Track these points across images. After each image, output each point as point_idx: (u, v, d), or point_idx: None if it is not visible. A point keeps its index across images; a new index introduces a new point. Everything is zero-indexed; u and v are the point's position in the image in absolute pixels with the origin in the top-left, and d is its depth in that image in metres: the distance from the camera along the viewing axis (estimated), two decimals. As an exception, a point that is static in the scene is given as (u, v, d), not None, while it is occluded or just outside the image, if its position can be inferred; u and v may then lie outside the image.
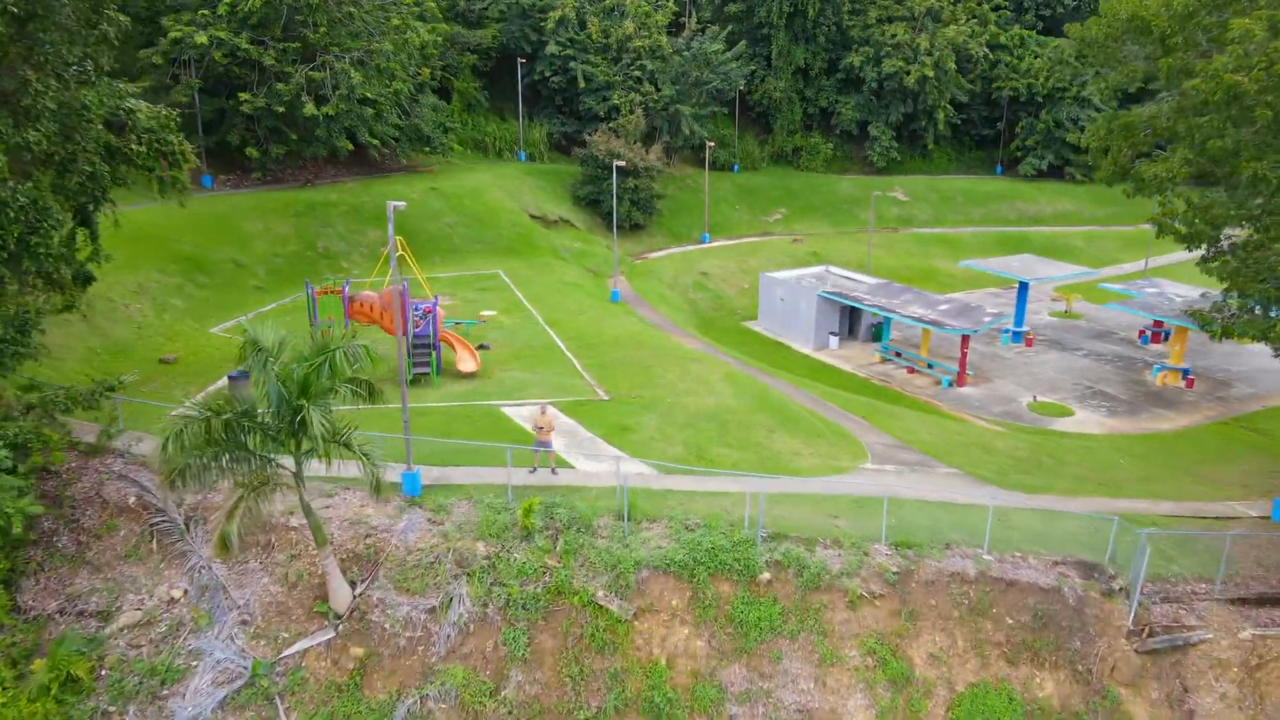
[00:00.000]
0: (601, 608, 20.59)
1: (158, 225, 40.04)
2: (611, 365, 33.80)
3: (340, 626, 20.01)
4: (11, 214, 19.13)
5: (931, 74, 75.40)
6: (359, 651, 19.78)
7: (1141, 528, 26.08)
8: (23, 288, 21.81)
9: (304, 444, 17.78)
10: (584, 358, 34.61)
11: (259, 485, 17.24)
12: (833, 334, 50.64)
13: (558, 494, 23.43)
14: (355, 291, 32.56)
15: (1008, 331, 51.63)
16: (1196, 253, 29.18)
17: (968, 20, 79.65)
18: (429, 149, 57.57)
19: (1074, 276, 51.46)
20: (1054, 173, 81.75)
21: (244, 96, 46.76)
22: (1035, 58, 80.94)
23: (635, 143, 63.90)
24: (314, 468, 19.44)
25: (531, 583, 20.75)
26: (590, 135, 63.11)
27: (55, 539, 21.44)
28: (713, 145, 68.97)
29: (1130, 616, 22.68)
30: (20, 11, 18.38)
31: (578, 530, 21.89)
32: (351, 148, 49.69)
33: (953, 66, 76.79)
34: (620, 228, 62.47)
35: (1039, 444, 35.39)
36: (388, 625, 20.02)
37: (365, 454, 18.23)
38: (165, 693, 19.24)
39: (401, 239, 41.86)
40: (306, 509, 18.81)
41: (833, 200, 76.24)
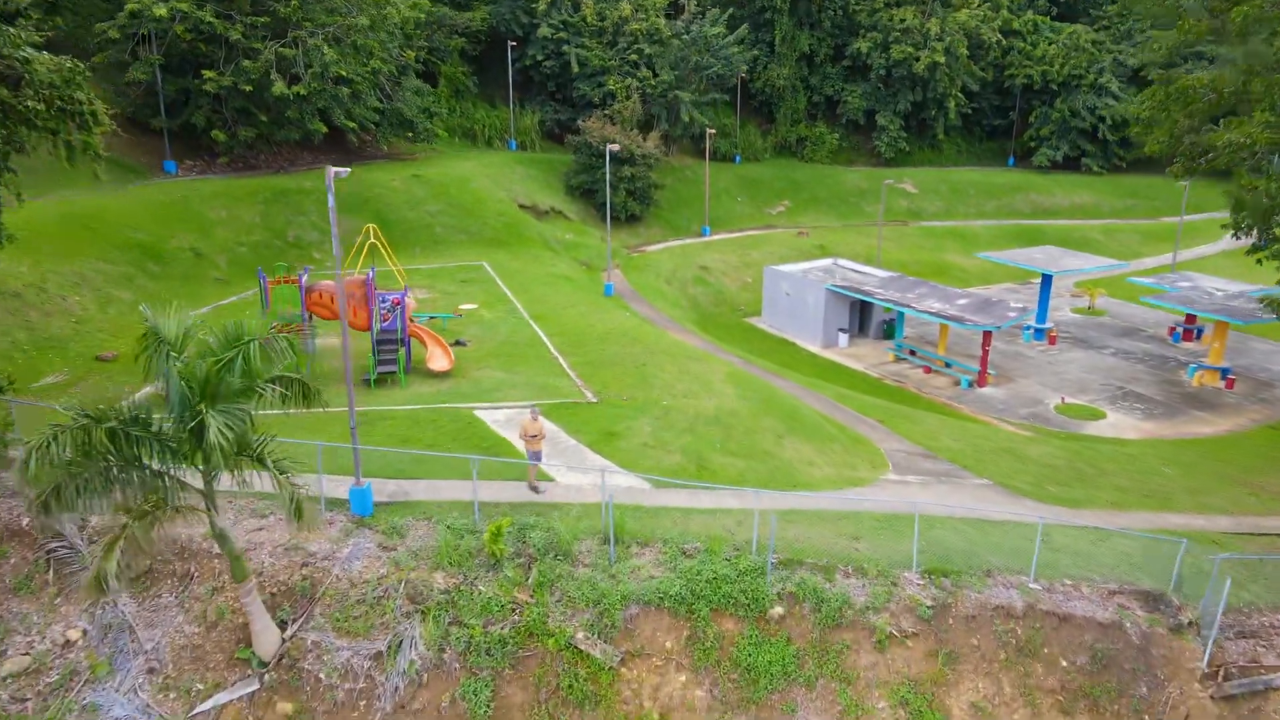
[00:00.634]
0: (581, 652, 17.20)
1: (106, 211, 36.69)
2: (601, 364, 30.40)
3: (266, 676, 16.61)
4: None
5: (942, 60, 72.03)
6: (287, 708, 16.38)
7: (1201, 546, 22.79)
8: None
9: (230, 459, 14.37)
10: (571, 355, 31.21)
11: (152, 509, 13.83)
12: (842, 331, 47.26)
13: (532, 513, 20.03)
14: (314, 281, 29.14)
15: (1029, 328, 48.28)
16: (1221, 245, 25.79)
17: (980, 4, 76.29)
18: (412, 134, 54.14)
19: (1101, 269, 48.07)
20: (1069, 164, 78.36)
21: (209, 74, 43.35)
22: (1050, 44, 77.60)
23: (632, 130, 60.55)
24: (253, 482, 16.03)
25: (498, 622, 17.34)
26: (584, 121, 59.71)
27: (-65, 567, 18.07)
28: (713, 132, 65.56)
29: (1205, 657, 19.31)
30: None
31: (555, 557, 18.50)
32: (325, 130, 46.26)
33: (964, 52, 73.44)
34: (615, 219, 59.11)
35: (1075, 451, 32.00)
36: (323, 675, 16.61)
37: (280, 470, 14.80)
38: (53, 757, 15.88)
39: (374, 226, 38.57)
40: (219, 536, 15.41)
41: (839, 192, 72.86)
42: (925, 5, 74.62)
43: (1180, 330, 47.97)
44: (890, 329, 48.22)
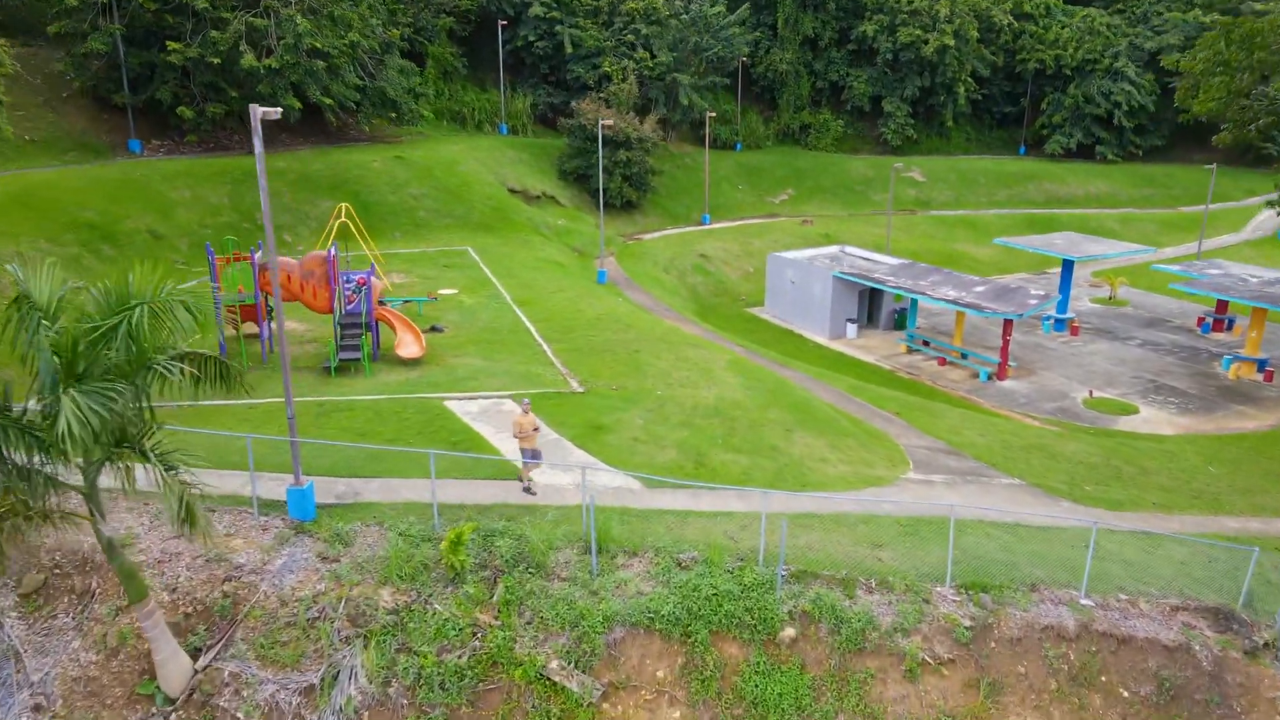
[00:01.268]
0: (555, 684, 14.33)
1: (54, 189, 33.86)
2: (590, 351, 27.54)
3: (172, 717, 13.74)
4: None
5: (952, 43, 69.19)
6: (196, 754, 13.52)
7: (1264, 554, 19.96)
8: None
9: (94, 450, 11.52)
10: (557, 342, 28.35)
11: (6, 513, 10.97)
12: (850, 321, 44.39)
13: (502, 517, 17.16)
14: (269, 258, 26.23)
15: (1049, 319, 45.43)
16: (1244, 234, 22.97)
17: (991, -15, 73.61)
18: (396, 115, 51.24)
19: (1128, 254, 45.20)
20: (1083, 152, 75.50)
21: (173, 46, 40.49)
22: (1063, 27, 74.78)
23: (628, 112, 57.69)
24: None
25: (455, 649, 14.48)
26: (577, 104, 56.84)
27: None
28: (713, 115, 62.73)
29: (1291, 685, 16.48)
30: None
31: (526, 570, 15.63)
32: (299, 106, 43.36)
33: (975, 35, 70.61)
34: (610, 206, 56.29)
35: (1111, 448, 29.13)
36: (242, 713, 13.74)
37: (168, 467, 11.90)
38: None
39: (347, 205, 35.71)
40: (107, 546, 12.55)
41: (844, 181, 70.01)
42: (934, -14, 71.84)
43: (1210, 320, 45.13)
44: (901, 319, 45.38)
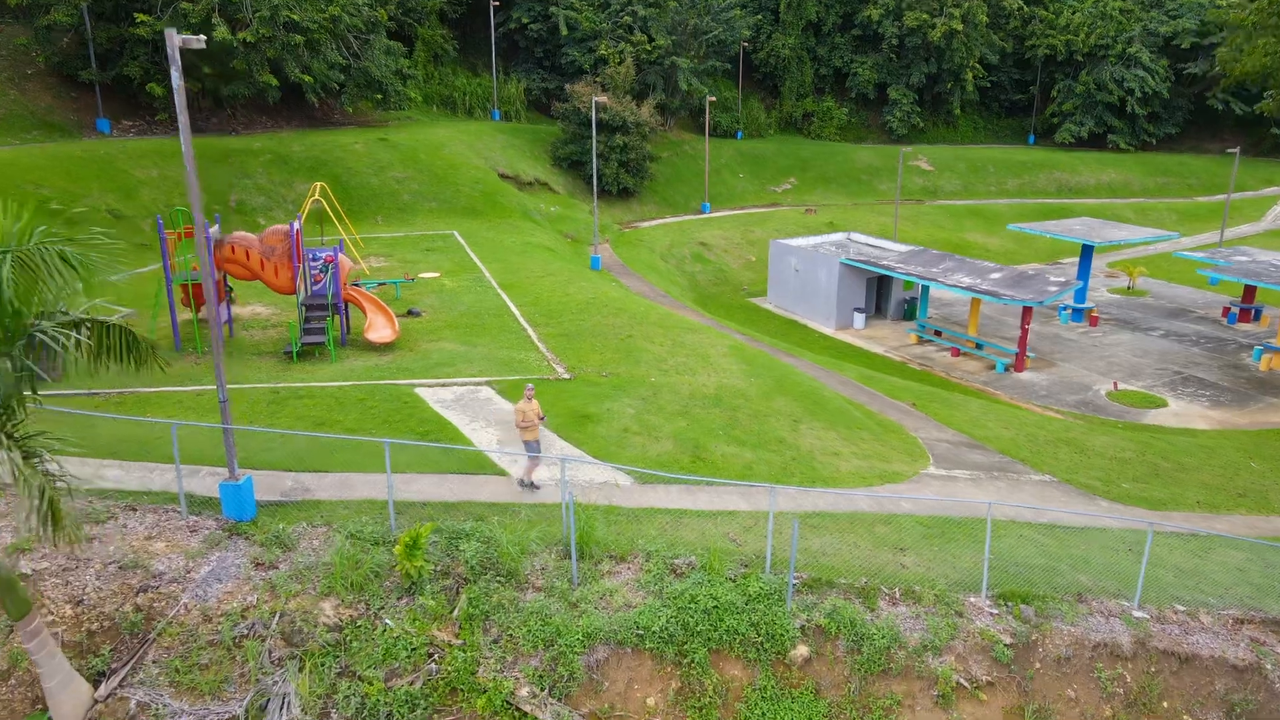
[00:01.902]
0: (525, 715, 12.08)
1: (11, 167, 31.71)
2: (578, 335, 25.30)
3: (65, 754, 11.49)
4: None
5: (960, 28, 66.95)
6: (92, 801, 11.28)
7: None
8: None
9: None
10: (543, 326, 26.11)
11: None
12: (858, 310, 42.15)
13: (470, 516, 14.91)
14: (226, 233, 24.01)
15: (1066, 309, 43.18)
16: (1264, 224, 20.68)
17: (1001, -33, 71.38)
18: (381, 97, 48.95)
19: (1149, 239, 42.87)
20: (1094, 141, 73.23)
21: (142, 18, 38.26)
22: (1074, 12, 72.52)
23: (625, 96, 55.43)
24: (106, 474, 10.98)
25: (407, 673, 12.23)
26: (572, 87, 54.58)
27: None
28: (712, 100, 60.45)
29: (1380, 712, 14.25)
30: None
31: (494, 578, 13.38)
32: (275, 83, 41.10)
33: (984, 19, 68.37)
34: (607, 193, 54.09)
35: (1144, 443, 26.89)
36: (149, 752, 11.49)
37: (26, 454, 9.58)
38: None
39: (323, 184, 33.47)
40: (-24, 553, 10.29)
41: (848, 170, 67.78)
42: (941, -31, 69.63)
43: (1236, 310, 42.85)
44: (911, 309, 43.15)
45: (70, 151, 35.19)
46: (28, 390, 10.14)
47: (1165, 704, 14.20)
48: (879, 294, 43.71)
